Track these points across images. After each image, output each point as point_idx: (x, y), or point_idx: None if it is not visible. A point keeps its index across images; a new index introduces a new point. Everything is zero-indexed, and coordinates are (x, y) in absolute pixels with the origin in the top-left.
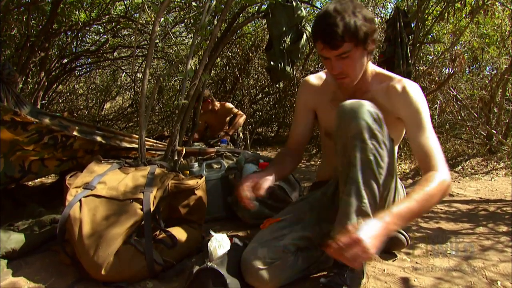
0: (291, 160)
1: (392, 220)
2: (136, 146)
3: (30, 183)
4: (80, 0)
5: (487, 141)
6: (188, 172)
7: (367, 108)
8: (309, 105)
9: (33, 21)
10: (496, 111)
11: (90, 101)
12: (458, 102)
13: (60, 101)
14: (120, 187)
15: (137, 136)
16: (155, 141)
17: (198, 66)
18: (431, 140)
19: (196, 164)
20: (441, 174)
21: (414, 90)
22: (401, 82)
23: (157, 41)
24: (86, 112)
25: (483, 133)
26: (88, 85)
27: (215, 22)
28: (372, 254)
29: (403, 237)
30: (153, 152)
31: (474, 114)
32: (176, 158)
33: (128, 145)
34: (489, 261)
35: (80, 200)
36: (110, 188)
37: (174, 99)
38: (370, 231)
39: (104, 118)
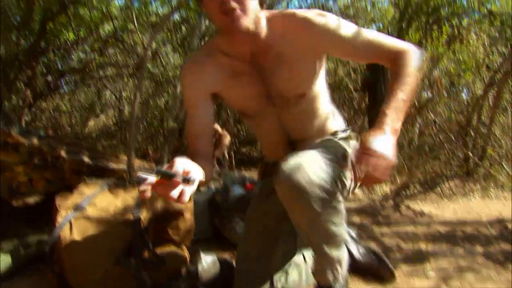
0: (205, 163)
1: (392, 120)
2: (123, 166)
3: (13, 202)
4: (70, 20)
5: (464, 163)
6: None
7: (316, 179)
8: (206, 91)
9: (22, 40)
10: (472, 134)
11: (73, 118)
12: (437, 125)
13: (43, 118)
14: (110, 208)
15: (124, 156)
16: (141, 161)
17: None
18: (368, 35)
19: None
20: (403, 53)
21: (311, 13)
22: (292, 15)
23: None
24: (70, 130)
25: (460, 155)
26: (73, 103)
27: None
28: (394, 162)
29: (388, 271)
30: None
31: (452, 137)
32: None
33: (115, 166)
34: (465, 281)
35: (70, 221)
36: (100, 209)
37: (158, 118)
38: (384, 143)
39: (87, 136)
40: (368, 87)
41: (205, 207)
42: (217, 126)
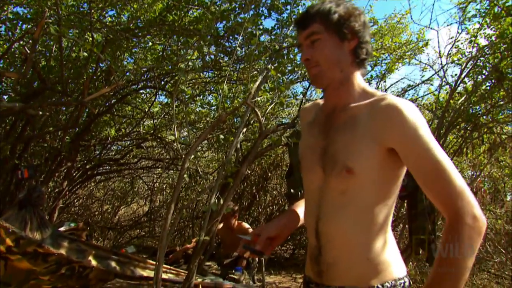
0: None
1: None
2: (150, 273)
3: None
4: (114, 118)
5: None
6: None
7: None
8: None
9: (67, 137)
10: None
11: (105, 205)
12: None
13: (77, 204)
14: None
15: (152, 262)
16: (169, 267)
17: (222, 201)
18: (445, 173)
19: None
20: (466, 218)
21: (407, 107)
22: (388, 98)
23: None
24: (100, 218)
25: None
26: (106, 191)
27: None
28: None
29: None
30: (167, 283)
31: (501, 249)
32: None
33: (142, 273)
34: None
35: None
36: None
37: (188, 210)
38: None
39: (116, 226)
40: (408, 195)
41: None
42: (248, 227)
